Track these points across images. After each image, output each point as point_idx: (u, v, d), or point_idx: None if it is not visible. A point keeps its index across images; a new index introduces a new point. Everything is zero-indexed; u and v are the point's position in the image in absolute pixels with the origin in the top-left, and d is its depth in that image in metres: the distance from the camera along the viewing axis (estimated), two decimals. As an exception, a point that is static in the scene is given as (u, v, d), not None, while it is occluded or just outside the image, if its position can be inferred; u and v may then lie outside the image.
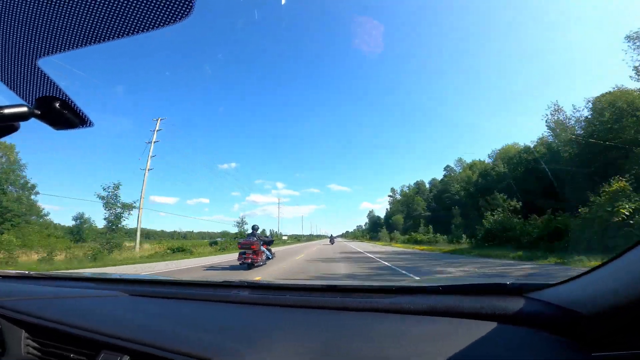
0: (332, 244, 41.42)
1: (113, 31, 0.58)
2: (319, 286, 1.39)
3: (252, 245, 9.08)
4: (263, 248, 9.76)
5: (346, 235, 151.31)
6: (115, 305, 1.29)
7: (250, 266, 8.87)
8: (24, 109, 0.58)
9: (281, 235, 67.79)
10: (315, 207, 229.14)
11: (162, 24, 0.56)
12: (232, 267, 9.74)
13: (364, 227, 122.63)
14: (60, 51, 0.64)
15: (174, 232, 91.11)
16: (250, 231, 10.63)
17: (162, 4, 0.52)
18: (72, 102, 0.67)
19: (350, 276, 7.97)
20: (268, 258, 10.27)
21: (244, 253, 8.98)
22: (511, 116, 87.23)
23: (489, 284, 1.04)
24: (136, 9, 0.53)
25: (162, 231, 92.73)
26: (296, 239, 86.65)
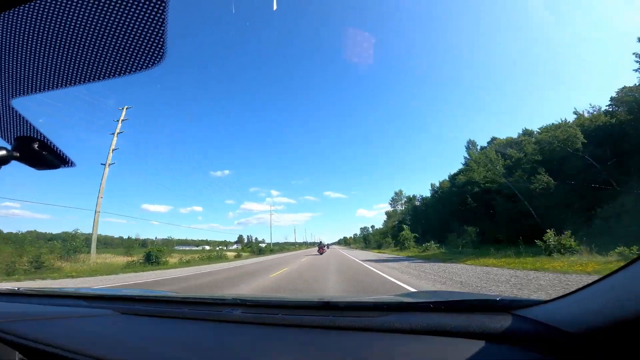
0: (322, 253, 31.27)
1: (87, 75, 0.62)
2: (312, 303, 1.39)
3: (321, 247, 35.56)
4: (325, 247, 37.63)
5: (346, 243, 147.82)
6: (108, 325, 1.30)
7: (321, 253, 32.94)
8: (3, 152, 0.60)
9: (257, 243, 64.50)
10: (312, 215, 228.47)
11: (134, 70, 0.60)
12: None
13: (359, 234, 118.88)
14: (35, 92, 0.68)
15: (129, 238, 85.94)
16: (318, 241, 44.77)
17: (135, 51, 0.58)
18: (51, 142, 0.67)
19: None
20: (325, 250, 35.65)
21: (320, 249, 35.28)
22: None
23: (480, 300, 1.11)
24: (110, 54, 0.58)
25: (121, 238, 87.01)
26: (283, 247, 78.97)
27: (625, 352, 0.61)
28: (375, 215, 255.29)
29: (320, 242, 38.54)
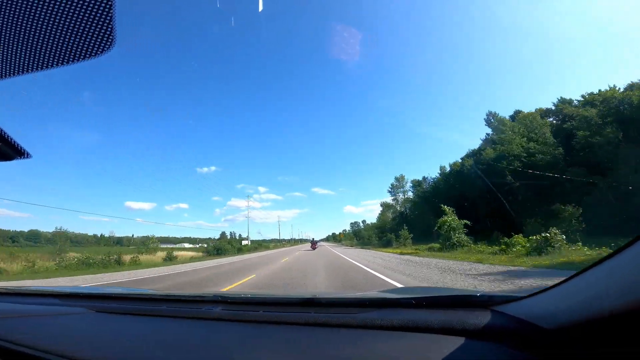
0: (314, 249, 33.90)
1: (35, 63, 0.61)
2: (295, 300, 1.36)
3: (314, 244, 44.77)
4: (318, 243, 49.55)
5: (335, 239, 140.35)
6: (82, 323, 1.27)
7: (314, 248, 37.30)
8: None
9: (240, 239, 61.50)
10: (299, 211, 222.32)
11: (81, 58, 0.60)
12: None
13: (349, 229, 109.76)
14: None
15: (102, 236, 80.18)
16: (307, 238, 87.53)
17: (81, 39, 0.57)
18: (3, 132, 0.65)
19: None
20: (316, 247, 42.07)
21: (312, 244, 43.51)
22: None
23: (461, 295, 1.11)
24: (55, 42, 0.58)
25: (95, 236, 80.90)
26: (261, 244, 70.35)
27: (598, 349, 0.61)
28: (362, 212, 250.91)
29: (313, 239, 51.47)
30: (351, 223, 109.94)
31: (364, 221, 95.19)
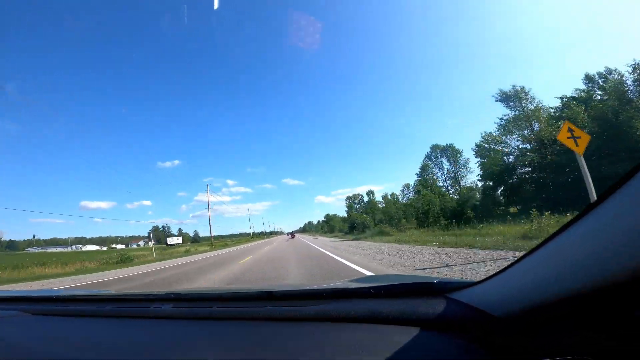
0: (293, 237, 42.40)
1: None
2: (250, 294, 1.29)
3: (292, 234, 66.91)
4: (295, 235, 65.31)
5: (306, 231, 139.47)
6: (16, 327, 1.20)
7: (292, 237, 47.28)
8: None
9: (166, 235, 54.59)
10: (270, 203, 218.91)
11: None
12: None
13: (321, 221, 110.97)
14: None
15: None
16: (287, 232, 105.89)
17: None
18: None
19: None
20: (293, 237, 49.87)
21: (290, 235, 60.91)
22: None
23: (418, 283, 1.05)
24: None
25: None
26: (221, 241, 66.98)
27: (546, 335, 0.59)
28: (333, 201, 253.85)
29: (292, 232, 66.12)
30: (325, 215, 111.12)
31: (335, 214, 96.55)
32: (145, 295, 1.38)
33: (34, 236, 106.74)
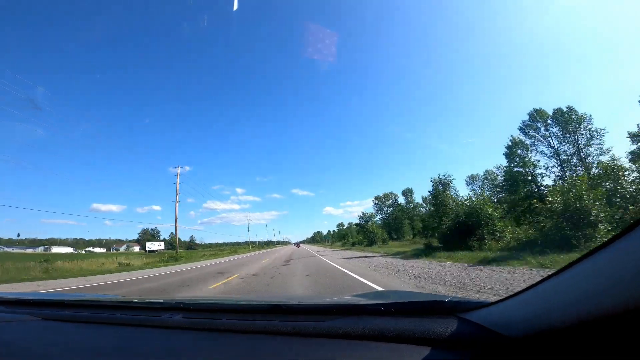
0: (298, 247, 46.18)
1: None
2: (260, 307, 1.28)
3: (298, 244, 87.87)
4: (300, 245, 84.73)
5: (314, 241, 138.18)
6: (25, 332, 1.19)
7: (298, 247, 65.05)
8: None
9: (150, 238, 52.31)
10: (278, 213, 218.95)
11: None
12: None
13: (332, 232, 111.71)
14: None
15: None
16: (294, 242, 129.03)
17: None
18: None
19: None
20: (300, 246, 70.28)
21: (296, 245, 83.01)
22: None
23: (429, 301, 1.07)
24: None
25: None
26: (210, 250, 66.98)
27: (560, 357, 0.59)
28: (342, 214, 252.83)
29: (297, 242, 70.39)
30: (337, 225, 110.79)
31: (350, 223, 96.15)
32: (155, 304, 1.39)
33: (18, 235, 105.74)
